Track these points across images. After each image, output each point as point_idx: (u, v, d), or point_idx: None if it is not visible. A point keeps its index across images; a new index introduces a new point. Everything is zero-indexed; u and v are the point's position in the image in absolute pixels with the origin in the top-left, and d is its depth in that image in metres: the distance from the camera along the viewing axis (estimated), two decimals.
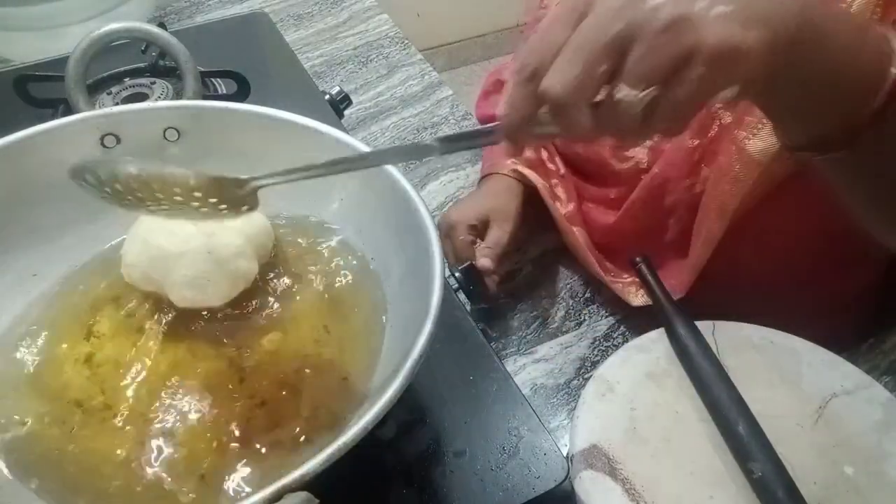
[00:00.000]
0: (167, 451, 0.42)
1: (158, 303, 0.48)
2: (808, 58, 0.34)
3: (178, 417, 0.43)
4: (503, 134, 0.33)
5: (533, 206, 0.69)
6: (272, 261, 0.52)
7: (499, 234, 0.64)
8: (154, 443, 0.42)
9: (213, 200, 0.39)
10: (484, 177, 0.72)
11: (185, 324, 0.47)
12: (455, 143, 0.36)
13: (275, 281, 0.51)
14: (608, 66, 0.30)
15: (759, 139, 0.52)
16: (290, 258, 0.52)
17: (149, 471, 0.41)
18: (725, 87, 0.31)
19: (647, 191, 0.62)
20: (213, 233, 0.45)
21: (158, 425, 0.43)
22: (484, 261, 0.61)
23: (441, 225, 0.66)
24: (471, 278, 0.59)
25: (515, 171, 0.69)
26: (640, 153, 0.64)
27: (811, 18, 0.34)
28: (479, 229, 0.65)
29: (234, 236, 0.46)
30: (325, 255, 0.53)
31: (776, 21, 0.32)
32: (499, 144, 0.34)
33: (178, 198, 0.39)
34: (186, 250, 0.44)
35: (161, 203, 0.39)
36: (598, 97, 0.31)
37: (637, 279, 0.64)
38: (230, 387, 0.45)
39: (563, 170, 0.72)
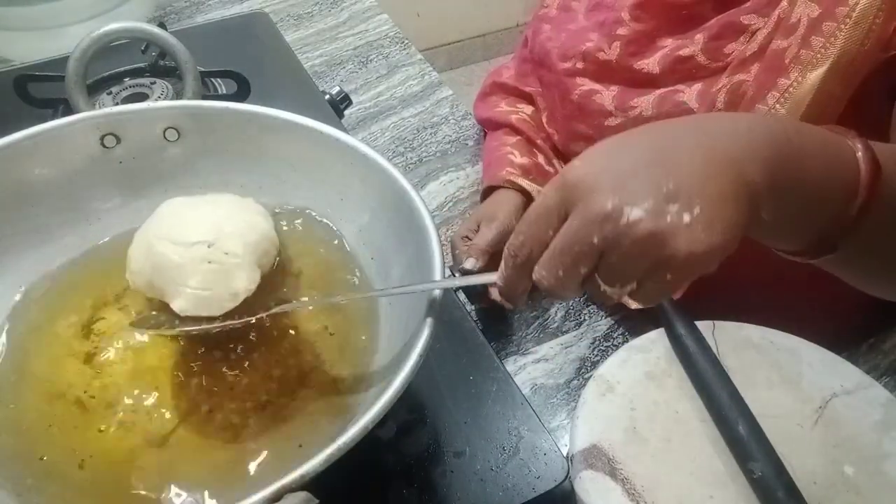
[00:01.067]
0: (167, 452, 0.42)
1: (160, 304, 0.48)
2: (785, 195, 0.36)
3: (178, 418, 0.43)
4: (504, 298, 0.39)
5: None
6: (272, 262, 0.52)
7: (484, 233, 0.64)
8: (154, 444, 0.42)
9: None
10: (485, 193, 0.72)
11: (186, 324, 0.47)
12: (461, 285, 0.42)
13: (274, 281, 0.51)
14: (588, 267, 0.34)
15: None
16: (289, 258, 0.52)
17: (149, 470, 0.41)
18: (696, 276, 0.34)
19: None
20: (215, 241, 0.45)
21: (158, 425, 0.43)
22: (469, 261, 0.61)
23: (450, 245, 0.68)
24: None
25: (510, 181, 0.69)
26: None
27: (782, 159, 0.36)
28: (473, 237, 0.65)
29: (236, 246, 0.45)
30: (325, 254, 0.53)
31: (747, 191, 0.34)
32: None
33: None
34: (188, 260, 0.44)
35: None
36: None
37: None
38: (231, 389, 0.45)
39: (560, 168, 0.72)
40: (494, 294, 0.62)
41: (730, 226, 0.33)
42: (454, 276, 0.59)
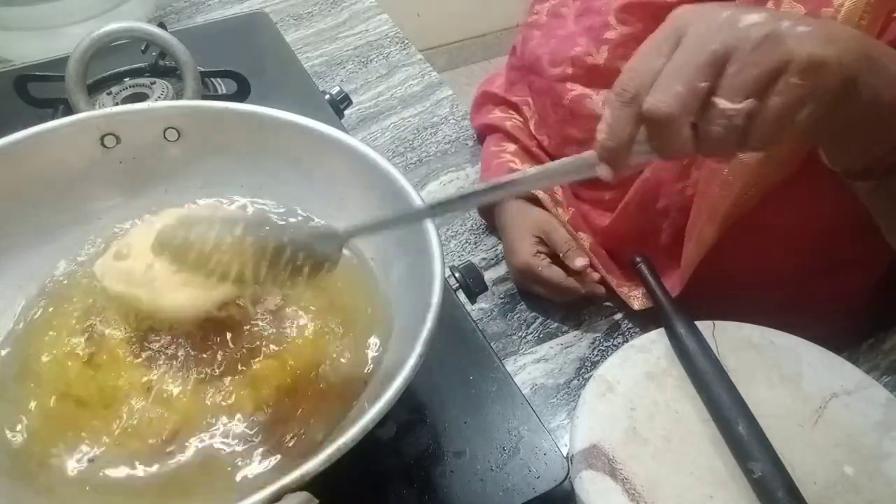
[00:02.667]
0: (167, 452, 0.42)
1: None
2: (867, 83, 0.36)
3: (178, 419, 0.43)
4: (604, 157, 0.35)
5: None
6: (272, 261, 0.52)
7: (562, 233, 0.65)
8: (153, 444, 0.42)
9: (300, 259, 0.39)
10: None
11: (186, 324, 0.47)
12: (552, 178, 0.39)
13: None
14: (708, 82, 0.32)
15: None
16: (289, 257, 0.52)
17: (148, 470, 0.41)
18: (812, 98, 0.33)
19: (639, 194, 0.63)
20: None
21: (158, 426, 0.43)
22: (580, 260, 0.62)
23: (516, 279, 0.67)
24: (471, 278, 0.59)
25: None
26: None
27: (870, 51, 0.36)
28: (546, 250, 0.65)
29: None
30: (324, 254, 0.53)
31: (846, 44, 0.34)
32: (595, 173, 0.36)
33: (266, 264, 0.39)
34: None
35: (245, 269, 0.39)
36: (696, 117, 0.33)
37: (639, 286, 0.64)
38: (230, 389, 0.45)
39: None
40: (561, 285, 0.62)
41: (848, 42, 0.33)
42: (454, 276, 0.59)
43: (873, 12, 0.47)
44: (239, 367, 0.46)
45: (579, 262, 0.62)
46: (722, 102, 0.32)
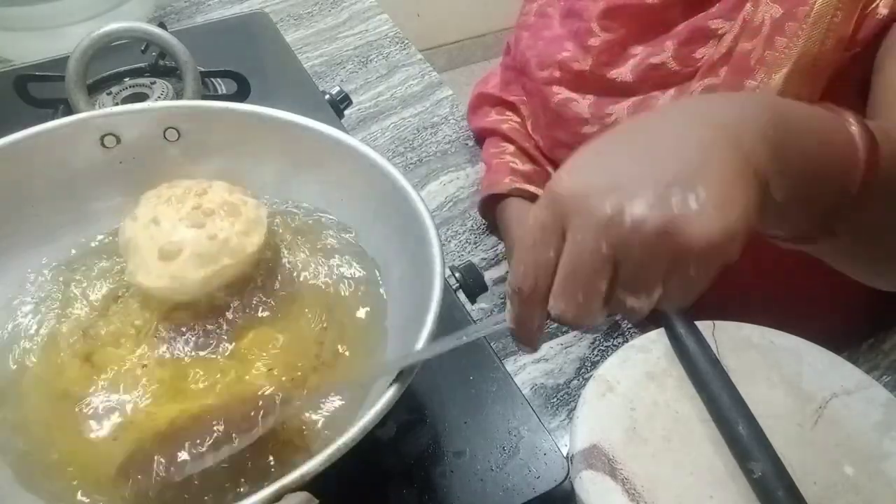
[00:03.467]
0: (167, 453, 0.42)
1: (160, 304, 0.48)
2: (790, 171, 0.33)
3: (177, 419, 0.43)
4: (520, 341, 0.36)
5: None
6: (271, 259, 0.52)
7: None
8: (154, 444, 0.42)
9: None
10: (485, 201, 0.72)
11: (185, 323, 0.47)
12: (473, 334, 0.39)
13: (273, 281, 0.51)
14: (606, 282, 0.31)
15: None
16: (288, 257, 0.52)
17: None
18: (722, 267, 0.31)
19: None
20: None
21: (157, 426, 0.43)
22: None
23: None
24: (471, 278, 0.59)
25: (516, 189, 0.69)
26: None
27: (782, 132, 0.33)
28: None
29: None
30: (324, 254, 0.53)
31: (752, 169, 0.31)
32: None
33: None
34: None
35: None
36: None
37: None
38: (230, 388, 0.45)
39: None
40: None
41: (742, 204, 0.29)
42: (454, 276, 0.59)
43: (846, 9, 0.47)
44: (237, 366, 0.46)
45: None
46: (627, 298, 0.31)
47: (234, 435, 0.38)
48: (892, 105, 0.47)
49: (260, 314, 0.48)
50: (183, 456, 0.38)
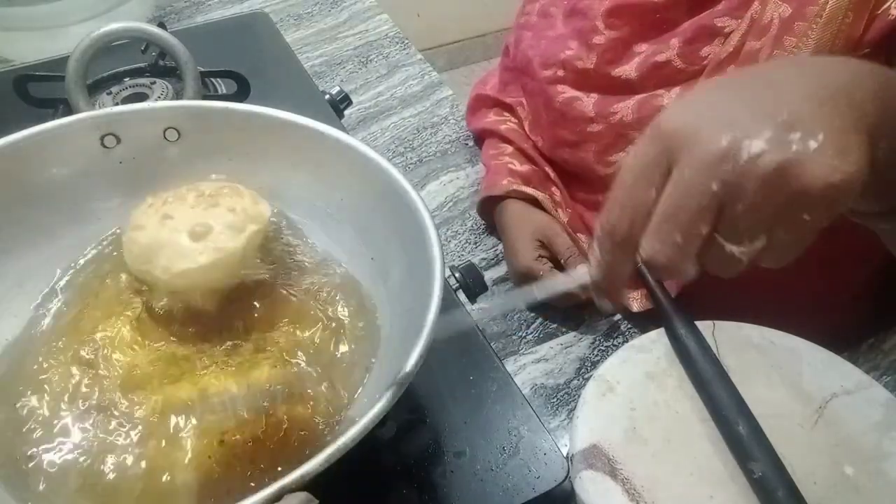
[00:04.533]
0: (169, 453, 0.42)
1: (159, 303, 0.48)
2: (887, 147, 0.32)
3: (180, 419, 0.43)
4: (601, 296, 0.34)
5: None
6: (271, 259, 0.52)
7: (565, 238, 0.65)
8: (155, 444, 0.42)
9: None
10: (483, 202, 0.72)
11: (185, 324, 0.47)
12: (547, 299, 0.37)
13: (272, 281, 0.51)
14: (709, 225, 0.29)
15: None
16: (288, 257, 0.52)
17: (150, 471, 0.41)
18: (833, 216, 0.30)
19: None
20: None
21: (160, 426, 0.43)
22: (581, 268, 0.61)
23: (516, 281, 0.67)
24: (471, 278, 0.59)
25: (513, 190, 0.69)
26: (623, 158, 0.64)
27: (887, 88, 0.32)
28: (547, 254, 0.65)
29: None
30: (324, 254, 0.53)
31: (864, 120, 0.30)
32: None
33: None
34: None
35: None
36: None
37: (638, 287, 0.64)
38: (229, 388, 0.45)
39: (553, 175, 0.72)
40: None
41: (860, 152, 0.28)
42: (454, 276, 0.59)
43: (857, 10, 0.47)
44: (236, 365, 0.46)
45: (581, 269, 0.62)
46: (727, 246, 0.30)
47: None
48: None
49: (258, 316, 0.48)
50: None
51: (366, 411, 0.35)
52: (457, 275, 0.59)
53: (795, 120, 0.28)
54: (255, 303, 0.48)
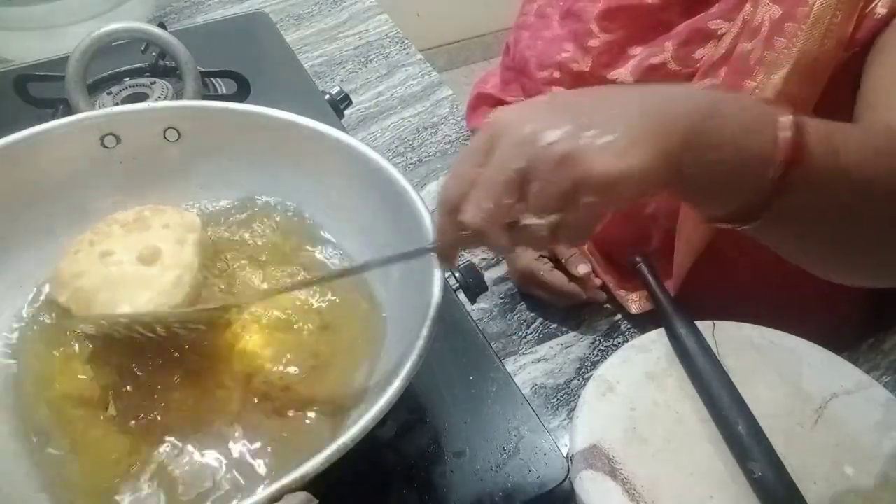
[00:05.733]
0: (171, 452, 0.42)
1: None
2: (704, 153, 0.36)
3: (177, 419, 0.43)
4: (438, 255, 0.40)
5: None
6: (271, 259, 0.52)
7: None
8: (153, 444, 0.42)
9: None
10: None
11: (184, 323, 0.47)
12: (396, 260, 0.43)
13: (273, 282, 0.51)
14: (513, 198, 0.34)
15: None
16: (287, 257, 0.52)
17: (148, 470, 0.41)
18: (617, 206, 0.35)
19: None
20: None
21: (157, 426, 0.43)
22: (582, 267, 0.63)
23: (517, 281, 0.67)
24: (471, 278, 0.59)
25: None
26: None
27: (697, 124, 0.36)
28: (548, 254, 0.65)
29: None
30: (324, 254, 0.53)
31: (654, 143, 0.34)
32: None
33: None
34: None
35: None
36: (511, 220, 0.36)
37: (637, 289, 0.64)
38: (229, 388, 0.45)
39: None
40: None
41: (643, 159, 0.33)
42: (454, 276, 0.59)
43: (845, 9, 0.47)
44: (236, 364, 0.46)
45: (582, 268, 0.63)
46: (527, 218, 0.35)
47: None
48: (872, 107, 0.47)
49: (258, 316, 0.48)
50: None
51: (366, 411, 0.35)
52: (457, 275, 0.59)
53: (594, 122, 0.34)
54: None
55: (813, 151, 0.37)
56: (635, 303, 0.64)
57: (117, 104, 0.72)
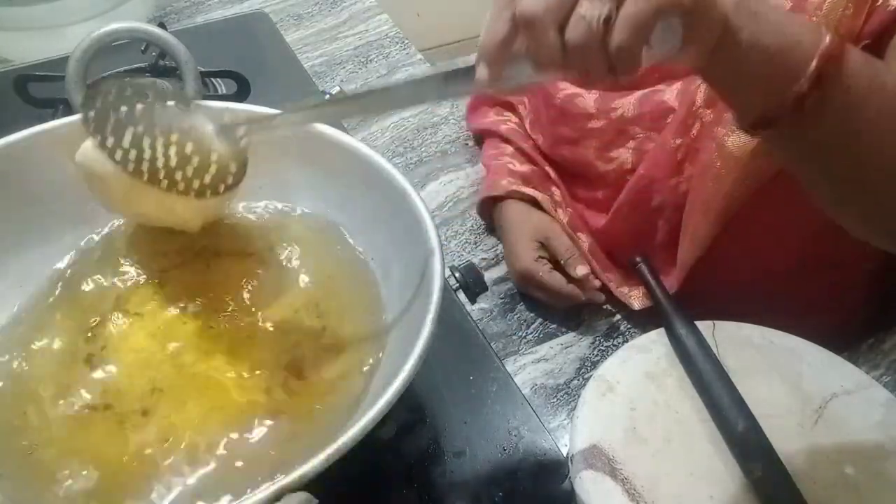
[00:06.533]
0: (166, 452, 0.42)
1: (159, 300, 0.48)
2: (742, 27, 0.36)
3: (176, 419, 0.43)
4: (482, 56, 0.36)
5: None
6: (271, 259, 0.52)
7: (563, 240, 0.65)
8: (153, 443, 0.42)
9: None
10: (483, 202, 0.72)
11: (184, 320, 0.47)
12: (429, 86, 0.39)
13: (272, 282, 0.51)
14: None
15: (738, 135, 0.52)
16: (287, 257, 0.52)
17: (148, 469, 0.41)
18: (669, 9, 0.34)
19: (633, 192, 0.63)
20: None
21: (157, 425, 0.43)
22: (581, 269, 0.63)
23: (516, 282, 0.67)
24: (471, 278, 0.59)
25: (513, 191, 0.69)
26: (623, 154, 0.64)
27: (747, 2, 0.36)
28: (547, 255, 0.65)
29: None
30: (324, 254, 0.53)
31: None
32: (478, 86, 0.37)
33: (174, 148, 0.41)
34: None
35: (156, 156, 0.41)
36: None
37: (638, 285, 0.64)
38: (229, 389, 0.45)
39: (553, 174, 0.72)
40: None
41: None
42: (454, 276, 0.59)
43: (856, 1, 0.47)
44: (236, 365, 0.46)
45: (580, 270, 0.63)
46: (581, 7, 0.34)
47: None
48: None
49: (258, 317, 0.48)
50: None
51: (366, 411, 0.35)
52: (457, 275, 0.59)
53: None
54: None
55: (850, 55, 0.38)
56: (637, 299, 0.64)
57: None
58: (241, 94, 0.74)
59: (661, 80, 0.62)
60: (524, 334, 0.64)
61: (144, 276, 0.50)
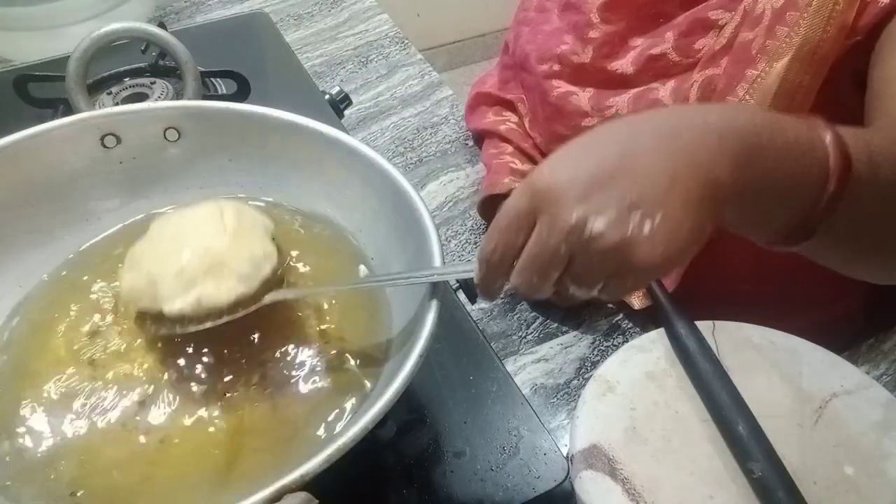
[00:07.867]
0: (166, 451, 0.42)
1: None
2: (752, 192, 0.37)
3: (177, 419, 0.43)
4: (481, 292, 0.40)
5: None
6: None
7: None
8: (153, 443, 0.42)
9: None
10: (484, 201, 0.72)
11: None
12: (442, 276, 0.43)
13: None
14: (559, 272, 0.36)
15: None
16: (290, 258, 0.52)
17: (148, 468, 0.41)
18: (656, 277, 0.38)
19: None
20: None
21: (157, 425, 0.43)
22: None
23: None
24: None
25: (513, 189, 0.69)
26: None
27: (751, 153, 0.36)
28: None
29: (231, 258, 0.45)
30: (324, 255, 0.53)
31: (713, 192, 0.35)
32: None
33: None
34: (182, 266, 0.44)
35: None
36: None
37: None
38: (229, 389, 0.45)
39: None
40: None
41: (690, 232, 0.34)
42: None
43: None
44: (236, 365, 0.46)
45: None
46: (571, 287, 0.37)
47: None
48: (879, 97, 0.47)
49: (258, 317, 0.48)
50: None
51: (366, 411, 0.35)
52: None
53: (640, 201, 0.34)
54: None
55: (856, 161, 0.38)
56: (637, 299, 0.64)
57: (117, 104, 0.72)
58: (241, 94, 0.74)
59: (656, 79, 0.62)
60: (524, 334, 0.64)
61: None
